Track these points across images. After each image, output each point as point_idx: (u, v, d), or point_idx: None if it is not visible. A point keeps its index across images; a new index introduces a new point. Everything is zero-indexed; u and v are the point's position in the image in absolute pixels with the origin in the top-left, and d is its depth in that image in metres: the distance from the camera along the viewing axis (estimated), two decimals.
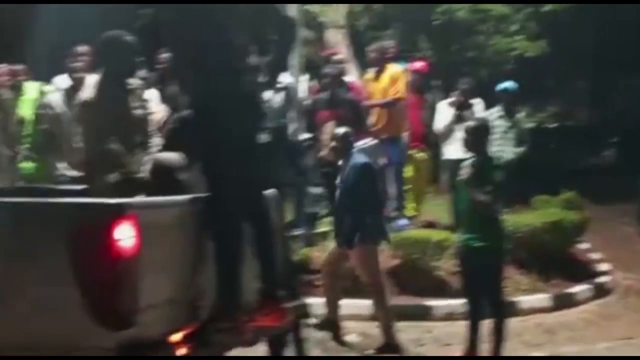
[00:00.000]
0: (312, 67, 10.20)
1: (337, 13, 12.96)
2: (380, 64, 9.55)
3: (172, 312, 4.16)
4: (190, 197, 4.47)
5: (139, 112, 5.41)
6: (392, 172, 9.31)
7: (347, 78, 9.74)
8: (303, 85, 9.60)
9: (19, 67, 8.69)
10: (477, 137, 6.49)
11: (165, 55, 8.04)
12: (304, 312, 5.47)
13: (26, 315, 3.84)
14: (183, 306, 4.25)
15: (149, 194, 4.70)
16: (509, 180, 6.80)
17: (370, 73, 9.72)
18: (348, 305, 7.44)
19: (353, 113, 8.31)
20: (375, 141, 7.98)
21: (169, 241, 4.17)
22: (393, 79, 9.43)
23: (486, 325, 6.48)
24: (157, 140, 5.47)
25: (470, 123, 6.73)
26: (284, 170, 8.26)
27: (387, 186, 9.39)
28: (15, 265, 3.87)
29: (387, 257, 8.48)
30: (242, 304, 4.46)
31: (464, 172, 6.52)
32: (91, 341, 3.76)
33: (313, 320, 6.71)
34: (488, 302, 6.48)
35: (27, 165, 7.98)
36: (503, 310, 6.53)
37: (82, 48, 8.41)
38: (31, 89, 8.61)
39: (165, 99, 7.39)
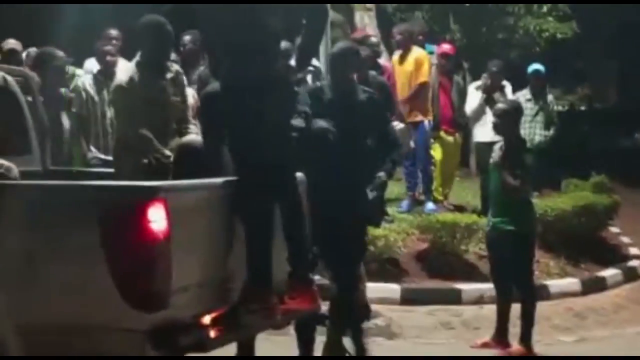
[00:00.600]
0: None
1: None
2: (406, 46, 9.52)
3: (203, 294, 4.17)
4: (221, 179, 4.48)
5: (176, 98, 5.43)
6: (418, 155, 9.29)
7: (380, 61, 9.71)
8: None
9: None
10: (507, 119, 6.45)
11: (188, 38, 8.06)
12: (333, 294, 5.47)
13: (59, 297, 3.87)
14: (214, 288, 4.27)
15: (178, 178, 4.71)
16: (539, 164, 6.77)
17: (396, 55, 9.67)
18: (375, 288, 7.44)
19: (384, 96, 8.27)
20: (403, 125, 7.94)
21: (200, 223, 4.18)
22: (418, 62, 9.42)
23: (516, 309, 6.46)
24: (193, 127, 5.49)
25: (500, 105, 6.69)
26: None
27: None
28: (48, 247, 3.89)
29: (415, 241, 8.49)
30: (272, 286, 4.46)
31: (494, 155, 6.49)
32: (124, 323, 3.79)
33: None
34: (517, 286, 6.46)
35: None
36: (533, 294, 6.52)
37: (113, 31, 8.45)
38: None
39: (190, 82, 7.42)
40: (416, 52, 9.53)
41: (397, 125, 7.79)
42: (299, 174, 4.98)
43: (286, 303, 4.52)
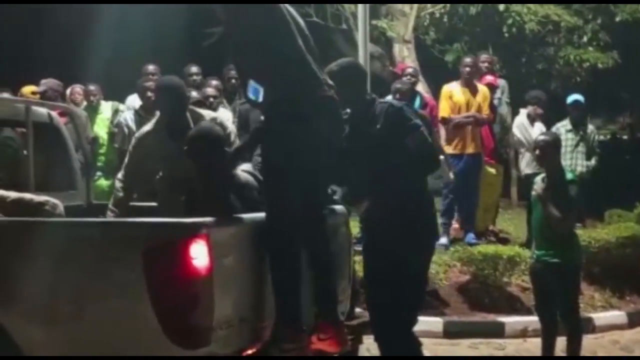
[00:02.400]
0: (378, 83, 10.20)
1: (404, 28, 12.95)
2: (475, 78, 9.52)
3: (242, 331, 4.17)
4: (260, 215, 4.48)
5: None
6: (466, 187, 9.25)
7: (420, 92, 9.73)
8: None
9: (93, 86, 8.89)
10: (548, 151, 6.39)
11: (233, 72, 8.16)
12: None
13: (103, 332, 3.89)
14: (252, 324, 4.26)
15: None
16: (582, 195, 6.69)
17: (457, 86, 9.58)
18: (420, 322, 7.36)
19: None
20: (442, 157, 7.86)
21: (241, 258, 4.20)
22: (485, 96, 9.42)
23: (561, 343, 6.37)
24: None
25: (541, 137, 6.64)
26: None
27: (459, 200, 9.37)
28: (92, 282, 3.93)
29: (456, 273, 8.43)
30: (303, 325, 4.40)
31: (537, 187, 6.44)
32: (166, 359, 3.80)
33: None
34: (563, 319, 6.37)
35: (103, 183, 8.15)
36: (578, 327, 6.42)
37: (151, 67, 8.59)
38: (106, 108, 8.80)
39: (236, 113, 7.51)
40: (483, 89, 9.54)
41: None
42: (337, 207, 4.97)
43: (313, 343, 4.47)
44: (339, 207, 5.10)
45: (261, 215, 4.43)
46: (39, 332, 3.90)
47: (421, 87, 11.14)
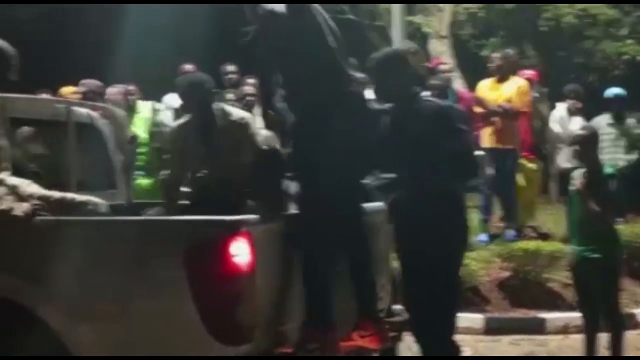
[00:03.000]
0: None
1: (440, 23, 12.89)
2: (505, 72, 9.45)
3: (281, 329, 4.18)
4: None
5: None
6: (504, 182, 9.19)
7: (456, 87, 9.68)
8: None
9: (131, 86, 8.95)
10: (587, 146, 6.34)
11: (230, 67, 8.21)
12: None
13: (146, 331, 3.92)
14: (293, 322, 4.27)
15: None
16: (623, 189, 6.62)
17: (489, 81, 9.52)
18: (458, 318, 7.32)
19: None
20: (483, 153, 7.82)
21: (281, 256, 4.21)
22: (521, 90, 9.30)
23: (603, 339, 6.31)
24: None
25: (579, 132, 6.58)
26: None
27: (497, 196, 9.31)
28: (135, 281, 3.95)
29: (497, 269, 8.38)
30: (331, 323, 4.37)
31: (575, 182, 6.38)
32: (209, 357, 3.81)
33: None
34: (605, 315, 6.31)
35: (143, 182, 8.21)
36: (620, 323, 6.35)
37: (188, 66, 8.64)
38: (144, 107, 8.85)
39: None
40: (518, 80, 9.43)
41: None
42: (377, 205, 4.95)
43: (354, 340, 4.45)
44: (378, 204, 5.08)
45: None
46: (84, 331, 3.92)
47: (458, 83, 11.09)
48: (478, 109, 9.24)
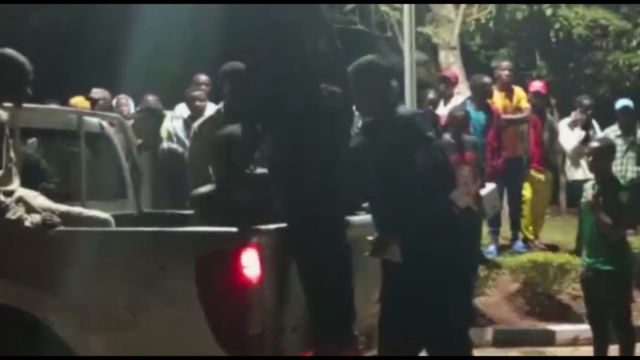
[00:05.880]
0: (424, 89, 10.16)
1: (450, 34, 12.89)
2: (511, 83, 9.46)
3: (293, 339, 4.17)
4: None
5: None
6: (508, 192, 9.16)
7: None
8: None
9: (151, 96, 8.94)
10: (602, 158, 6.33)
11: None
12: None
13: (156, 341, 3.93)
14: (303, 333, 4.26)
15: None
16: (633, 201, 6.60)
17: (500, 93, 9.50)
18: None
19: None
20: (494, 186, 7.68)
21: (290, 267, 4.20)
22: (521, 99, 9.37)
23: (613, 351, 6.29)
24: None
25: (595, 144, 6.56)
26: None
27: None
28: (144, 292, 3.96)
29: (506, 281, 8.36)
30: (335, 334, 4.30)
31: (586, 194, 6.37)
32: None
33: None
34: (615, 327, 6.29)
35: None
36: (630, 335, 6.33)
37: (202, 77, 8.63)
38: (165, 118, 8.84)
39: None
40: (518, 90, 9.50)
41: (488, 186, 7.48)
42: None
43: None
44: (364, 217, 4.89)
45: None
46: (94, 341, 3.94)
47: (467, 94, 11.07)
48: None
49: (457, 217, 4.60)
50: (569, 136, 9.48)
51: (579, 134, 9.39)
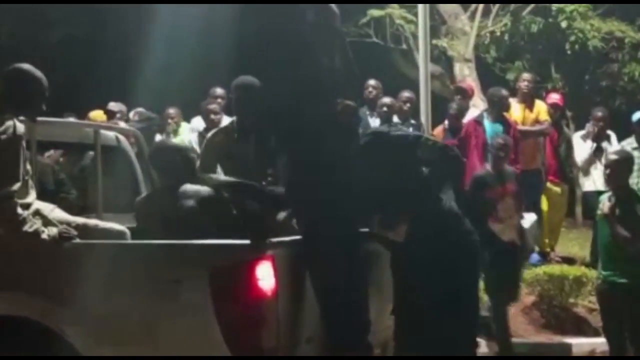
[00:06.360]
0: (438, 101, 10.16)
1: (464, 47, 12.90)
2: (531, 94, 9.46)
3: (309, 351, 4.18)
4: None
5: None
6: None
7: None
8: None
9: (172, 109, 9.01)
10: (620, 170, 6.30)
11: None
12: None
13: (171, 353, 3.94)
14: (318, 344, 4.27)
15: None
16: None
17: (520, 105, 9.49)
18: (481, 342, 7.27)
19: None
20: (535, 217, 7.65)
21: (305, 279, 4.21)
22: (541, 112, 9.36)
23: None
24: None
25: (612, 156, 6.53)
26: None
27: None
28: (159, 304, 3.98)
29: (522, 294, 8.31)
30: (347, 344, 4.30)
31: (602, 207, 6.34)
32: None
33: None
34: (631, 341, 6.25)
35: None
36: None
37: (218, 90, 8.68)
38: (186, 130, 8.92)
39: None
40: (539, 102, 9.49)
41: (527, 217, 7.45)
42: None
43: None
44: None
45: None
46: (109, 352, 3.96)
47: (481, 106, 11.07)
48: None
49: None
50: (581, 148, 9.47)
51: (590, 145, 9.37)
